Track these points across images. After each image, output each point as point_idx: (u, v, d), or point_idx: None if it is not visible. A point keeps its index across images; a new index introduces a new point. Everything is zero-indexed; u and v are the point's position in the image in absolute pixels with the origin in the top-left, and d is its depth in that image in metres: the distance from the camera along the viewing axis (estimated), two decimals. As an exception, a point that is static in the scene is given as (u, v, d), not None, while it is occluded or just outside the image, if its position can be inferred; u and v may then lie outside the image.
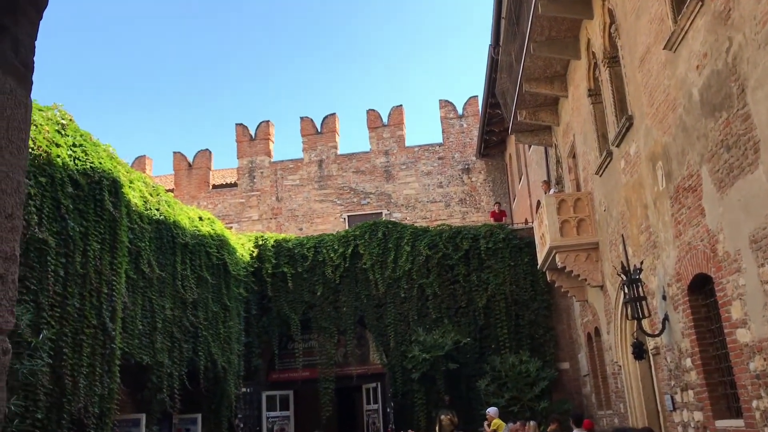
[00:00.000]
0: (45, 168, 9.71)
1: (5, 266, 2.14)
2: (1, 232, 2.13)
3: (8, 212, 2.18)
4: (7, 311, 2.14)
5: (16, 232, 2.21)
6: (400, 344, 18.15)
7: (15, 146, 2.23)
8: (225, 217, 27.45)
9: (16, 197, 2.23)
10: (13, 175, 2.21)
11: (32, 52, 2.38)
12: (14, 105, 2.24)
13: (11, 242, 2.18)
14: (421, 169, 28.11)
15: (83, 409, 9.88)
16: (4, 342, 2.12)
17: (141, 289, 12.33)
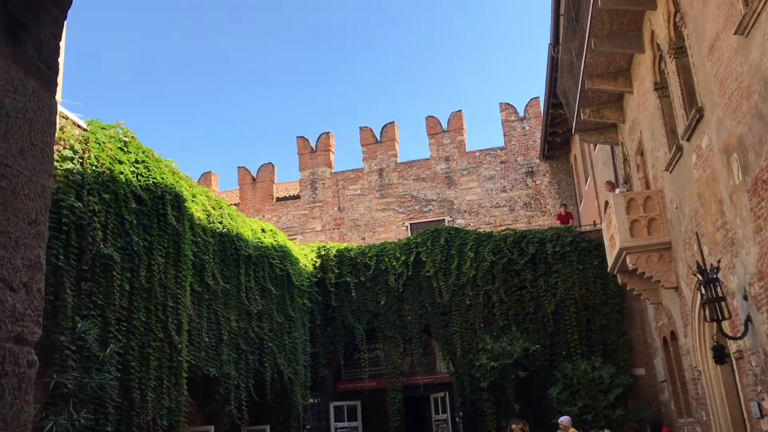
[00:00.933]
0: (108, 185, 9.90)
1: (29, 274, 2.05)
2: (24, 239, 2.04)
3: (32, 218, 2.08)
4: (32, 321, 2.04)
5: (41, 238, 2.12)
6: (467, 352, 17.80)
7: (38, 149, 2.13)
8: (289, 229, 27.72)
9: (41, 202, 2.13)
10: (36, 180, 2.11)
11: (56, 53, 2.30)
12: (37, 107, 2.15)
13: (35, 249, 2.09)
14: (483, 174, 27.71)
15: (152, 421, 9.98)
16: (30, 354, 2.02)
17: (206, 302, 12.45)
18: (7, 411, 1.89)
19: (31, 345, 2.04)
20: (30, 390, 2.01)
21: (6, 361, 1.91)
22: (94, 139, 10.04)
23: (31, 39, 2.19)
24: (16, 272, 1.99)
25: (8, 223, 1.98)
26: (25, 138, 2.09)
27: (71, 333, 8.69)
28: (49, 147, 2.21)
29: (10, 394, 1.91)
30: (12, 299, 1.96)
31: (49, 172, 2.20)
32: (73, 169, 9.44)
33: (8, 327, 1.93)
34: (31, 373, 2.02)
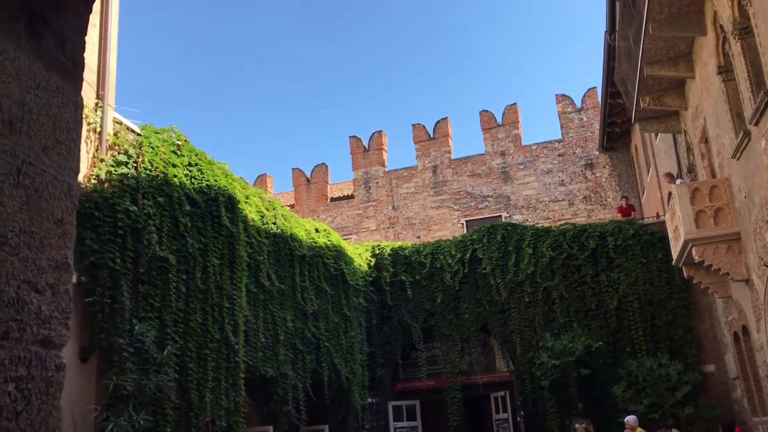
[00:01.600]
0: (163, 188, 10.04)
1: (56, 275, 1.98)
2: (49, 239, 1.97)
3: (57, 217, 2.02)
4: (59, 324, 1.97)
5: (67, 238, 2.05)
6: (527, 350, 17.45)
7: (64, 147, 2.07)
8: (343, 229, 27.77)
9: (67, 201, 2.07)
10: (62, 178, 2.05)
11: (81, 48, 2.23)
12: (61, 103, 2.08)
13: (62, 249, 2.02)
14: (540, 168, 27.15)
15: (210, 422, 10.07)
16: (58, 358, 1.96)
17: (262, 302, 12.52)
18: (35, 416, 1.83)
19: (58, 348, 1.97)
20: (58, 394, 1.95)
21: (32, 365, 1.85)
22: (147, 144, 10.19)
23: (53, 34, 2.13)
24: (41, 273, 1.92)
25: (32, 222, 1.92)
26: (48, 135, 2.02)
27: (129, 335, 8.83)
28: (75, 144, 2.14)
29: (37, 399, 1.85)
30: (37, 301, 1.89)
31: (76, 170, 2.13)
32: (127, 173, 9.60)
33: (34, 330, 1.87)
34: (60, 378, 1.96)
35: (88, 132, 9.52)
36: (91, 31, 9.87)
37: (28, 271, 1.86)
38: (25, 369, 1.80)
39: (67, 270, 2.03)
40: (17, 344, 1.80)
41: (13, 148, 1.86)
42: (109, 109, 9.94)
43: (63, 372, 1.96)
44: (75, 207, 2.10)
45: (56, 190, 2.02)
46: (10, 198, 1.84)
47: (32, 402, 1.81)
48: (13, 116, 1.88)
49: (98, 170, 9.45)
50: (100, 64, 9.92)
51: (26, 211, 1.89)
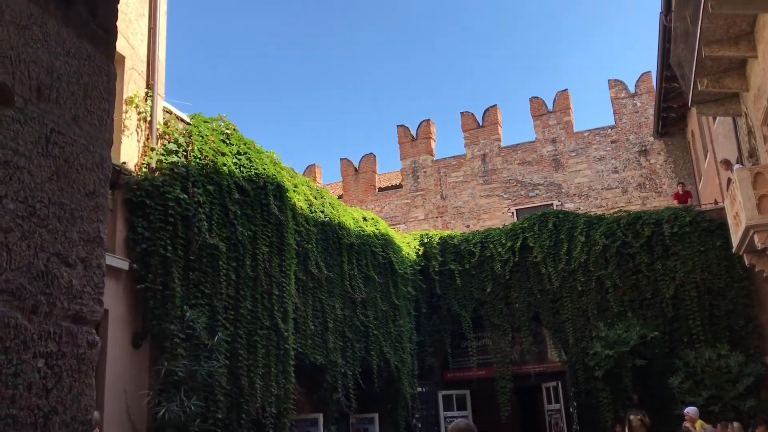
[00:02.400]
0: (212, 176, 10.11)
1: (87, 249, 1.91)
2: (81, 211, 1.90)
3: (89, 189, 1.95)
4: (91, 299, 1.90)
5: (100, 211, 1.98)
6: (580, 340, 17.08)
7: (96, 117, 2.00)
8: (392, 218, 27.67)
9: (99, 173, 2.00)
10: (93, 149, 1.98)
11: (113, 16, 2.16)
12: (92, 72, 2.01)
13: (94, 222, 1.95)
14: (592, 155, 26.52)
15: (261, 409, 10.13)
16: (91, 334, 1.89)
17: (311, 290, 12.54)
18: (66, 394, 1.76)
19: (91, 324, 1.90)
20: (91, 372, 1.88)
21: (63, 341, 1.78)
22: (197, 133, 10.28)
23: (84, 0, 2.06)
24: (72, 246, 1.86)
25: (62, 193, 1.85)
26: (79, 104, 1.95)
27: (180, 322, 8.93)
28: (108, 115, 2.07)
29: (68, 377, 1.78)
30: (68, 275, 1.82)
31: (109, 141, 2.06)
32: (178, 162, 9.69)
33: (64, 305, 1.80)
34: (92, 354, 1.89)
35: (139, 121, 9.64)
36: (140, 20, 9.98)
37: (57, 244, 1.80)
38: (55, 345, 1.74)
39: (100, 244, 1.96)
40: (47, 319, 1.73)
41: (42, 115, 1.80)
42: (159, 99, 10.04)
43: (95, 349, 1.89)
44: (108, 179, 2.03)
45: (87, 161, 1.95)
46: (39, 167, 1.77)
47: (63, 379, 1.75)
48: (41, 83, 1.81)
49: (149, 159, 9.57)
50: (149, 53, 10.03)
51: (56, 181, 1.82)
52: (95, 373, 5.95)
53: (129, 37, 9.68)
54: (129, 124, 9.43)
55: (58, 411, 1.73)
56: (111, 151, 2.07)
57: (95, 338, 1.90)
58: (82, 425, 1.80)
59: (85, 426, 1.81)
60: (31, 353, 1.66)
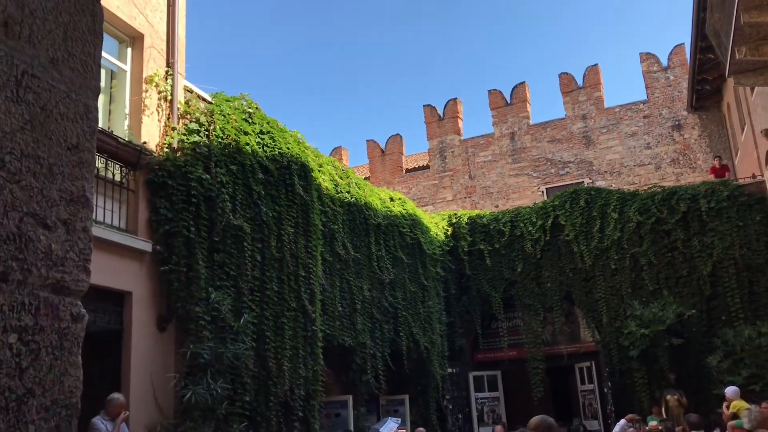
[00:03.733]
0: (235, 156, 9.92)
1: (70, 210, 1.68)
2: (62, 167, 1.67)
3: (72, 142, 1.71)
4: (76, 267, 1.67)
5: (85, 167, 1.74)
6: (614, 320, 16.68)
7: (78, 61, 1.76)
8: (420, 200, 27.36)
9: (84, 124, 1.76)
10: (77, 97, 1.74)
11: (99, -53, 1.92)
12: (74, 10, 1.76)
13: (78, 180, 1.71)
14: (624, 131, 25.86)
15: (289, 391, 9.99)
16: (75, 306, 1.66)
17: (338, 271, 12.35)
18: (45, 374, 1.53)
19: (75, 295, 1.66)
20: (76, 349, 1.64)
21: (41, 314, 1.55)
22: (219, 112, 10.09)
23: (64, -71, 1.82)
24: (51, 206, 1.62)
25: (37, 146, 1.61)
26: (58, 46, 1.71)
27: (205, 304, 8.79)
28: (94, 60, 1.82)
29: (48, 354, 1.55)
30: (46, 238, 1.59)
31: (94, 89, 1.82)
32: (199, 141, 9.51)
33: (42, 272, 1.56)
34: (77, 329, 1.65)
35: (159, 100, 9.47)
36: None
37: (33, 203, 1.56)
38: (30, 318, 1.51)
39: (86, 205, 1.73)
40: (20, 288, 1.50)
41: (10, 54, 1.56)
42: (180, 77, 9.86)
43: (82, 323, 1.66)
44: (94, 132, 1.79)
45: (69, 111, 1.71)
46: (7, 114, 1.53)
47: (41, 357, 1.52)
48: (9, 17, 1.57)
49: (170, 139, 9.41)
50: (168, 32, 9.84)
51: (29, 131, 1.59)
52: (120, 356, 5.70)
53: (148, 14, 9.49)
54: (149, 104, 9.27)
55: (35, 393, 1.50)
56: (97, 101, 1.83)
57: (81, 311, 1.67)
58: (65, 409, 1.57)
59: (70, 410, 1.58)
60: (0, 327, 1.44)
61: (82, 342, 1.65)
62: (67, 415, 1.56)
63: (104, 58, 9.07)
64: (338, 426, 12.17)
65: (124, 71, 9.32)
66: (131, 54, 9.40)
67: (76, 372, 1.61)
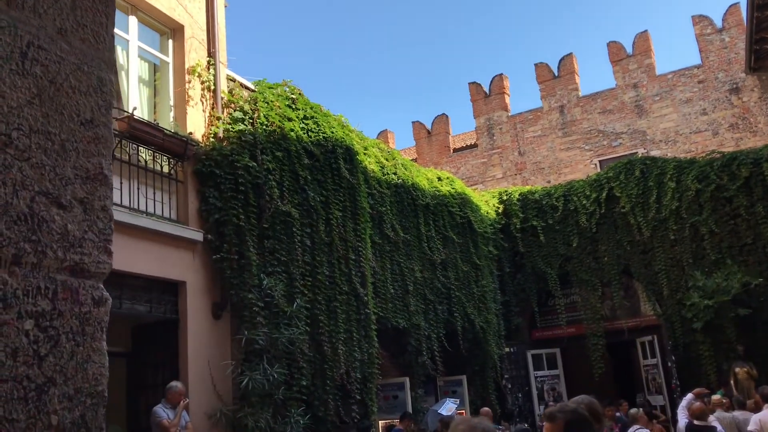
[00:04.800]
0: (280, 142, 9.90)
1: (87, 188, 1.59)
2: (76, 143, 1.58)
3: (86, 117, 1.62)
4: (96, 248, 1.58)
5: (101, 143, 1.65)
6: (675, 292, 16.15)
7: (90, 32, 1.66)
8: (469, 179, 27.02)
9: (98, 98, 1.66)
10: (89, 69, 1.64)
11: None
12: (82, -23, 1.67)
13: (94, 157, 1.62)
14: (678, 98, 24.93)
15: (345, 374, 9.98)
16: (96, 289, 1.57)
17: (388, 253, 12.26)
18: (66, 362, 1.44)
19: (97, 278, 1.58)
20: (100, 334, 1.56)
21: (59, 298, 1.46)
22: (262, 99, 10.07)
23: None
24: (65, 185, 1.53)
25: (48, 121, 1.52)
26: (66, 15, 1.61)
27: (258, 290, 8.82)
28: (106, 31, 1.72)
29: (68, 340, 1.46)
30: (61, 219, 1.50)
31: (109, 61, 1.72)
32: (244, 129, 9.51)
33: (58, 254, 1.48)
34: (100, 313, 1.57)
35: (203, 91, 9.49)
36: (197, -13, 9.76)
37: (45, 181, 1.48)
38: (47, 302, 1.43)
39: (104, 182, 1.64)
40: (35, 271, 1.42)
41: (14, 25, 1.47)
42: (222, 67, 9.86)
43: (105, 307, 1.57)
44: (110, 106, 1.70)
45: (81, 84, 1.62)
46: (13, 88, 1.44)
47: (61, 343, 1.44)
48: (9, -15, 1.48)
49: (216, 128, 9.43)
50: (208, 21, 9.84)
51: (38, 106, 1.50)
52: (177, 345, 5.66)
53: (187, 5, 9.50)
54: (193, 95, 9.29)
55: (57, 382, 1.41)
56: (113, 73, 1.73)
57: (103, 294, 1.58)
58: (91, 398, 1.49)
59: (96, 399, 1.50)
60: (14, 313, 1.35)
61: (106, 327, 1.57)
62: (93, 404, 1.48)
63: (146, 50, 9.14)
64: (396, 408, 12.12)
65: (167, 63, 9.37)
66: (173, 46, 9.44)
67: (100, 359, 1.53)
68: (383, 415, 11.67)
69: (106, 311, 1.56)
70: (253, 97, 10.07)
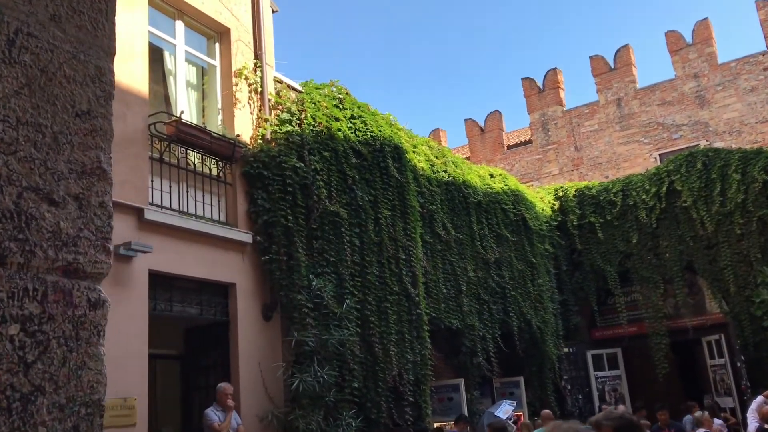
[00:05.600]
0: (327, 142, 9.85)
1: (83, 183, 1.49)
2: (70, 136, 1.49)
3: (81, 108, 1.53)
4: (92, 246, 1.49)
5: (99, 136, 1.56)
6: (743, 288, 15.44)
7: (86, 19, 1.57)
8: (524, 176, 26.56)
9: (96, 88, 1.57)
10: (86, 58, 1.55)
11: None
12: (78, -39, 1.58)
13: (91, 150, 1.53)
14: (742, 87, 23.92)
15: (398, 376, 9.84)
16: (93, 291, 1.47)
17: (439, 253, 12.07)
18: (57, 369, 1.34)
19: (93, 278, 1.48)
20: (96, 339, 1.46)
21: (49, 301, 1.36)
22: (309, 100, 10.04)
23: None
24: (58, 180, 1.43)
25: (38, 112, 1.42)
26: (60, 1, 1.51)
27: (307, 291, 8.77)
28: (106, 18, 1.63)
29: (60, 346, 1.36)
30: (53, 216, 1.40)
31: (108, 49, 1.62)
32: (292, 130, 9.49)
33: (49, 253, 1.38)
34: (96, 317, 1.47)
35: (250, 93, 9.52)
36: (243, -10, 9.79)
37: (34, 176, 1.38)
38: (36, 305, 1.33)
39: (102, 177, 1.54)
40: (21, 272, 1.33)
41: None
42: (269, 69, 9.87)
43: (102, 310, 1.47)
44: (110, 96, 1.60)
45: (77, 73, 1.52)
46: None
47: (51, 349, 1.34)
48: (-7, -32, 1.39)
49: (263, 130, 9.44)
50: (254, 23, 9.87)
51: (27, 96, 1.41)
52: (229, 347, 5.56)
53: (232, 8, 9.54)
54: (240, 97, 9.33)
55: (45, 390, 1.31)
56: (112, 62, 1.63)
57: (101, 296, 1.48)
58: (85, 407, 1.38)
59: (91, 408, 1.40)
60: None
61: (104, 331, 1.47)
62: (88, 413, 1.38)
63: (194, 54, 9.21)
64: (451, 410, 11.92)
65: (214, 67, 9.43)
66: (219, 49, 9.49)
67: (96, 365, 1.43)
68: (438, 417, 11.49)
69: (103, 314, 1.46)
70: (300, 98, 10.06)
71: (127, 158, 7.27)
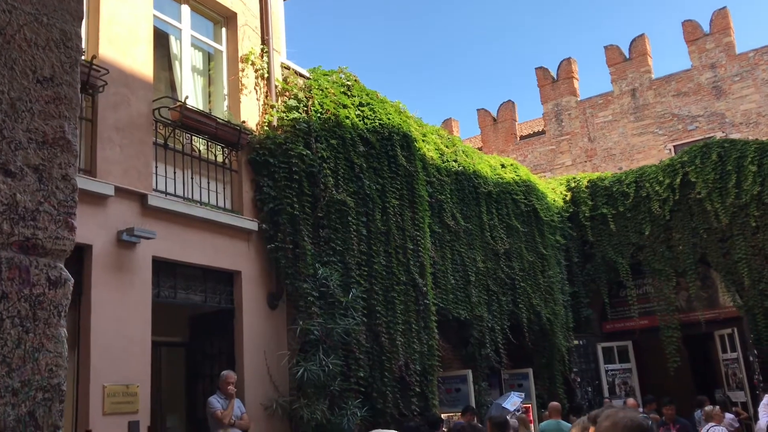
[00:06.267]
0: (335, 130, 9.73)
1: (44, 154, 1.40)
2: (30, 103, 1.39)
3: (44, 74, 1.43)
4: (53, 221, 1.39)
5: (62, 104, 1.46)
6: (758, 282, 15.22)
7: (51, -20, 1.48)
8: (536, 167, 26.35)
9: (60, 54, 1.47)
10: (48, 21, 1.45)
11: None
12: None
13: (53, 119, 1.43)
14: (760, 77, 23.56)
15: (404, 366, 9.75)
16: (53, 268, 1.38)
17: (448, 243, 11.95)
18: (11, 350, 1.25)
19: (54, 255, 1.39)
20: (56, 320, 1.37)
21: (3, 278, 1.28)
22: (316, 86, 9.92)
23: None
24: (14, 149, 1.34)
25: (-7, 77, 1.34)
26: (20, -40, 1.44)
27: (313, 280, 8.69)
28: (73, -21, 1.54)
29: (14, 326, 1.27)
30: (8, 188, 1.31)
31: (75, 12, 1.52)
32: (299, 118, 9.39)
33: (2, 227, 1.28)
34: (56, 296, 1.38)
35: (257, 79, 9.42)
36: (251, -25, 9.68)
37: (-12, 145, 1.30)
38: (-13, 282, 1.25)
39: (66, 148, 1.44)
40: (-30, 246, 1.24)
41: (-52, -34, 1.29)
42: (276, 55, 9.76)
43: (63, 289, 1.38)
44: (76, 63, 1.50)
45: (39, 37, 1.43)
46: (-54, 38, 1.27)
47: (5, 329, 1.25)
48: None
49: (270, 117, 9.35)
50: (262, 8, 9.76)
51: (-19, 60, 1.32)
52: (233, 335, 5.44)
53: (239, -8, 9.43)
54: (247, 83, 9.23)
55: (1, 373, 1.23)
56: (81, 26, 1.54)
57: (62, 274, 1.39)
58: (42, 392, 1.30)
59: (49, 392, 1.31)
60: (-59, 295, 1.18)
61: (65, 312, 1.38)
62: (46, 398, 1.29)
63: (200, 39, 9.11)
64: (459, 401, 11.83)
65: (221, 52, 9.34)
66: (226, 34, 9.40)
67: (56, 347, 1.34)
68: (445, 408, 11.40)
69: (65, 293, 1.37)
70: (307, 84, 9.95)
71: (131, 143, 7.21)
